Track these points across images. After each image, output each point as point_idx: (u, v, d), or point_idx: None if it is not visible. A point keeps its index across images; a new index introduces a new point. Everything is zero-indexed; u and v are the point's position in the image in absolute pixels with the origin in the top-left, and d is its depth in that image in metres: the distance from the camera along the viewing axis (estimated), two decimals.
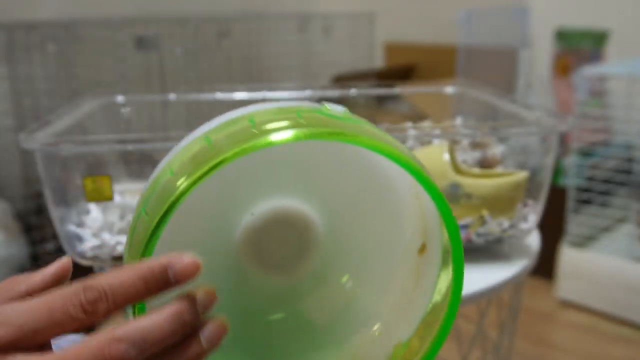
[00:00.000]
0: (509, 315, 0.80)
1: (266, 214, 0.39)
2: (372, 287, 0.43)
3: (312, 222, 0.40)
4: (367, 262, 0.43)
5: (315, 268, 0.41)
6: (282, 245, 0.40)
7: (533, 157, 0.81)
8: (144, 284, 0.31)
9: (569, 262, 1.82)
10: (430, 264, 0.40)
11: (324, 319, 0.43)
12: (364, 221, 0.42)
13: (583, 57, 2.12)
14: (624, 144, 1.96)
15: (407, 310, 0.41)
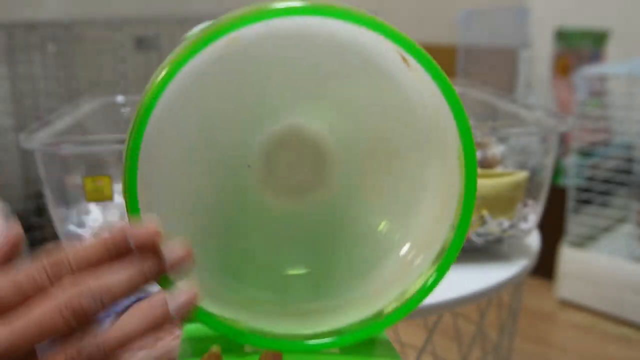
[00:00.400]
0: (509, 315, 0.80)
1: (280, 133, 0.37)
2: (377, 243, 0.40)
3: (330, 145, 0.38)
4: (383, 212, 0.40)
5: (331, 198, 0.38)
6: (296, 167, 0.38)
7: (533, 157, 0.81)
8: (105, 250, 0.31)
9: (569, 262, 1.82)
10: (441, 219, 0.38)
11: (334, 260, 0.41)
12: (380, 167, 0.39)
13: (583, 57, 2.12)
14: (624, 144, 1.96)
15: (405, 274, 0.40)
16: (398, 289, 0.40)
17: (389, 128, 0.39)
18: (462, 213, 0.36)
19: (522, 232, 0.75)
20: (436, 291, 0.66)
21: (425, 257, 0.40)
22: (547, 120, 0.74)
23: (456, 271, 0.72)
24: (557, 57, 2.15)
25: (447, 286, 0.67)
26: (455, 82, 1.00)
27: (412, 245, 0.40)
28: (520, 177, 0.73)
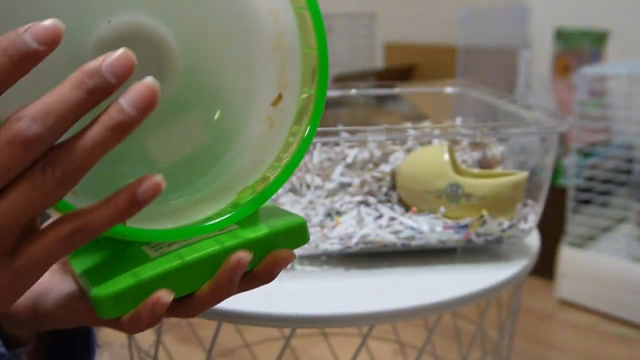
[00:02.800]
0: (508, 315, 0.80)
1: (121, 26, 0.36)
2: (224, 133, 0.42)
3: (169, 42, 0.37)
4: (221, 106, 0.41)
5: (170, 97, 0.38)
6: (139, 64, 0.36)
7: (533, 157, 0.81)
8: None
9: (569, 262, 1.82)
10: (284, 110, 0.41)
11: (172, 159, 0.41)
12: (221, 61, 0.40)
13: (583, 57, 2.12)
14: (623, 144, 1.96)
15: (257, 157, 0.41)
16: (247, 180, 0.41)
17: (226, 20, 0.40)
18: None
19: (522, 232, 0.75)
20: (436, 291, 0.66)
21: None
22: (547, 120, 0.75)
23: (456, 271, 0.72)
24: (557, 57, 2.16)
25: (447, 286, 0.68)
26: (455, 82, 1.01)
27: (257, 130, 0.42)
28: (520, 177, 0.73)
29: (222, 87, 0.41)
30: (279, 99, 0.41)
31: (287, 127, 0.41)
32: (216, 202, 0.41)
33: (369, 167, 0.78)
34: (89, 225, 0.30)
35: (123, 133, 0.29)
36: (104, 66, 0.29)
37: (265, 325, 0.63)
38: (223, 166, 0.42)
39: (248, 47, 0.41)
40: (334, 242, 0.72)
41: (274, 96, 0.41)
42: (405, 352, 1.20)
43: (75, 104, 0.28)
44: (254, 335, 1.22)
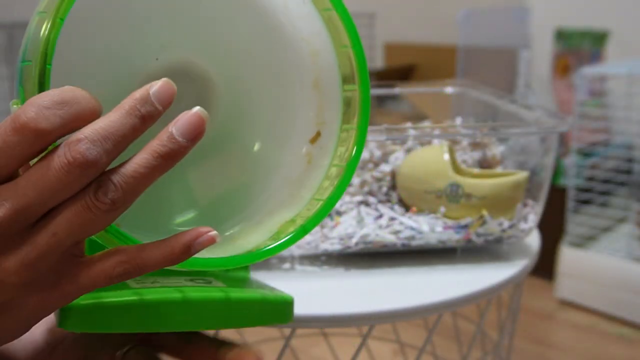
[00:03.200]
0: (508, 315, 0.80)
1: (167, 64, 0.37)
2: (262, 170, 0.42)
3: (211, 78, 0.39)
4: (260, 148, 0.42)
5: (210, 137, 0.39)
6: (180, 100, 0.37)
7: (533, 157, 0.81)
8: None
9: (569, 262, 1.82)
10: (323, 147, 0.41)
11: (210, 196, 0.42)
12: (261, 104, 0.42)
13: (583, 57, 2.12)
14: (624, 144, 1.96)
15: (296, 193, 0.42)
16: (286, 214, 0.41)
17: (267, 61, 0.41)
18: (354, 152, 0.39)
19: (522, 232, 0.75)
20: (436, 291, 0.66)
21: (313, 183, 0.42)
22: (547, 120, 0.74)
23: (456, 271, 0.72)
24: (557, 57, 2.15)
25: (447, 286, 0.67)
26: (455, 82, 1.01)
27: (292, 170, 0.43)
28: (520, 177, 0.73)
29: (260, 123, 0.42)
30: (317, 137, 0.41)
31: (326, 164, 0.41)
32: (253, 237, 0.41)
33: (369, 167, 0.78)
34: (141, 265, 0.31)
35: (173, 160, 0.30)
36: (152, 94, 0.30)
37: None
38: (261, 202, 0.42)
39: (287, 87, 0.41)
40: (334, 242, 0.72)
41: (313, 133, 0.41)
42: (405, 352, 1.20)
43: (130, 129, 0.29)
44: (254, 335, 1.22)
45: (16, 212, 0.28)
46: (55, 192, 0.29)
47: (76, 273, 0.31)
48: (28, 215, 0.29)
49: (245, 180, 0.42)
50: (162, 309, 0.37)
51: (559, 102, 2.14)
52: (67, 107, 0.29)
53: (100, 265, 0.31)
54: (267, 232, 0.41)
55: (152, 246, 0.31)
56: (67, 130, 0.29)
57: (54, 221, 0.29)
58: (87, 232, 0.30)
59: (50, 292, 0.31)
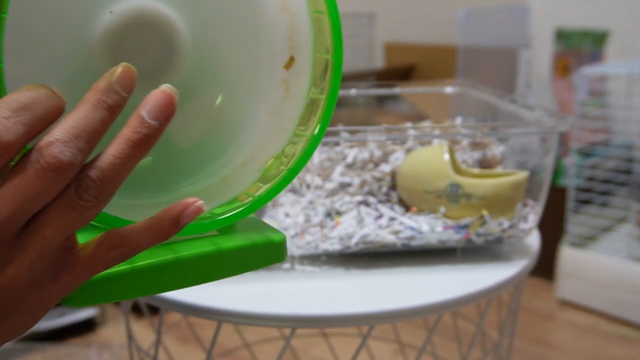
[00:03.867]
0: (509, 315, 0.80)
1: (127, 14, 0.35)
2: (240, 104, 0.42)
3: (177, 27, 0.37)
4: (233, 78, 0.41)
5: (181, 82, 0.38)
6: (144, 52, 0.36)
7: (533, 157, 0.81)
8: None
9: (569, 262, 1.82)
10: (299, 74, 0.40)
11: (189, 142, 0.41)
12: (228, 33, 0.40)
13: (583, 57, 2.12)
14: (624, 144, 1.96)
15: (278, 125, 0.41)
16: (272, 149, 0.41)
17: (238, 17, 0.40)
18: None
19: (522, 232, 0.75)
20: (436, 291, 0.66)
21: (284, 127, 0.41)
22: (547, 120, 0.74)
23: (456, 271, 0.72)
24: (557, 57, 2.15)
25: (447, 286, 0.68)
26: (455, 82, 1.01)
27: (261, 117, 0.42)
28: (520, 177, 0.73)
29: (231, 56, 0.41)
30: (291, 62, 0.41)
31: (304, 92, 0.40)
32: (244, 177, 0.41)
33: (369, 167, 0.78)
34: (135, 247, 0.31)
35: (148, 145, 0.30)
36: (114, 82, 0.29)
37: (265, 325, 0.63)
38: (245, 137, 0.42)
39: (254, 11, 0.40)
40: (334, 242, 0.72)
41: (286, 59, 0.41)
42: (405, 352, 1.20)
43: (100, 122, 0.29)
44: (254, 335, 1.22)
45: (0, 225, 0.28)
46: (35, 199, 0.28)
47: (73, 264, 0.31)
48: (13, 225, 0.29)
49: (224, 119, 0.41)
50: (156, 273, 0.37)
51: (559, 102, 2.14)
52: (28, 112, 0.28)
53: (94, 253, 0.31)
54: (255, 171, 0.41)
55: (142, 225, 0.31)
56: (34, 135, 0.28)
57: (41, 224, 0.29)
58: (75, 228, 0.30)
59: (50, 287, 0.31)
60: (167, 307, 0.65)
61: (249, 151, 0.41)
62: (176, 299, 0.64)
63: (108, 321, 1.78)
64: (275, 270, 0.71)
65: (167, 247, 0.38)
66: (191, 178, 0.41)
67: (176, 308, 0.64)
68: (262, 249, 0.40)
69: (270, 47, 0.41)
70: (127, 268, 0.36)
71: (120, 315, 1.79)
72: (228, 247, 0.39)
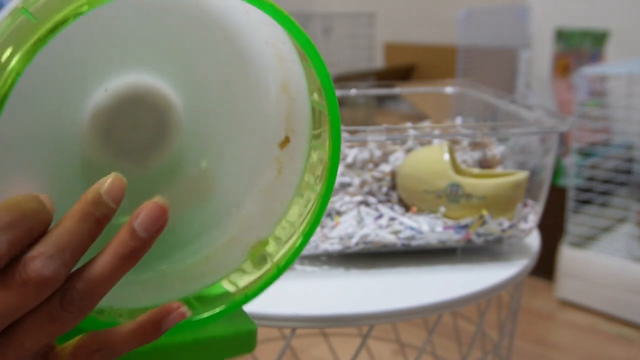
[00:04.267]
0: (508, 315, 0.80)
1: (121, 91, 0.34)
2: (231, 181, 0.40)
3: (172, 103, 0.36)
4: (226, 153, 0.40)
5: (172, 157, 0.37)
6: (137, 128, 0.35)
7: (533, 157, 0.81)
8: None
9: (569, 262, 1.82)
10: (293, 158, 0.39)
11: (175, 217, 0.39)
12: (225, 109, 0.39)
13: (583, 57, 2.12)
14: (624, 144, 1.96)
15: (268, 207, 0.40)
16: (259, 232, 0.39)
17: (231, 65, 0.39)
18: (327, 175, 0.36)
19: (522, 232, 0.75)
20: (436, 291, 0.66)
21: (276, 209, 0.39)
22: (547, 120, 0.74)
23: (456, 271, 0.72)
24: (557, 57, 2.15)
25: (447, 286, 0.67)
26: (455, 82, 1.01)
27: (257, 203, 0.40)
28: (520, 177, 0.73)
29: (225, 134, 0.39)
30: (286, 142, 0.39)
31: (297, 176, 0.39)
32: (229, 258, 0.39)
33: (369, 167, 0.78)
34: (114, 351, 0.31)
35: (138, 257, 0.29)
36: (104, 193, 0.29)
37: (265, 325, 0.63)
38: (233, 215, 0.40)
39: (254, 89, 0.39)
40: (334, 242, 0.72)
41: (282, 138, 0.39)
42: (405, 352, 1.20)
43: (87, 235, 0.28)
44: None
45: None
46: (14, 311, 0.28)
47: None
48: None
49: (213, 194, 0.40)
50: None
51: (559, 102, 2.14)
52: (13, 229, 0.27)
53: (73, 357, 0.30)
54: (240, 254, 0.39)
55: (124, 331, 0.31)
56: (18, 250, 0.28)
57: (19, 334, 0.28)
58: (54, 337, 0.29)
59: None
60: None
61: (236, 230, 0.40)
62: None
63: None
64: None
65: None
66: (175, 253, 0.39)
67: None
68: (233, 340, 0.40)
69: (267, 124, 0.39)
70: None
71: None
72: (206, 337, 0.38)
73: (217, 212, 0.40)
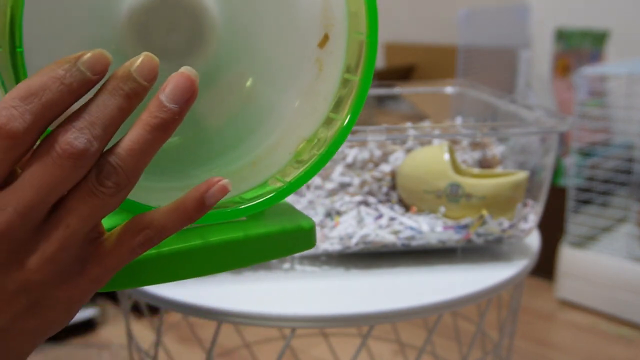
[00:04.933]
0: (508, 315, 0.80)
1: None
2: (271, 84, 0.40)
3: (207, 5, 0.35)
4: (264, 58, 0.39)
5: (210, 62, 0.37)
6: (172, 31, 0.35)
7: (533, 157, 0.81)
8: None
9: (569, 262, 1.82)
10: (333, 54, 0.39)
11: (218, 122, 0.39)
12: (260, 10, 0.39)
13: (583, 57, 2.12)
14: (624, 144, 1.96)
15: (310, 106, 0.40)
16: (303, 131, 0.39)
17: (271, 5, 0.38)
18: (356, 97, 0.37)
19: (522, 232, 0.75)
20: (436, 291, 0.66)
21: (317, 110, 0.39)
22: (547, 120, 0.74)
23: (456, 271, 0.72)
24: (557, 57, 2.15)
25: (447, 286, 0.68)
26: (455, 82, 1.01)
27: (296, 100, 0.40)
28: (520, 177, 0.73)
29: (264, 32, 0.39)
30: (325, 40, 0.39)
31: (338, 73, 0.39)
32: (275, 160, 0.39)
33: (369, 167, 0.78)
34: (161, 232, 0.31)
35: (169, 130, 0.29)
36: (133, 70, 0.29)
37: (265, 325, 0.63)
38: (276, 117, 0.40)
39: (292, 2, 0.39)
40: (334, 242, 0.72)
41: (321, 36, 0.39)
42: (405, 352, 1.20)
43: (116, 110, 0.28)
44: (254, 335, 1.22)
45: (21, 215, 0.28)
46: (54, 188, 0.28)
47: (99, 255, 0.31)
48: (34, 215, 0.28)
49: (255, 97, 0.40)
50: (183, 258, 0.36)
51: (559, 102, 2.14)
52: (36, 99, 0.27)
53: (120, 239, 0.31)
54: (286, 154, 0.39)
55: (166, 208, 0.31)
56: (45, 122, 0.28)
57: (64, 213, 0.29)
58: (99, 217, 0.29)
59: (78, 280, 0.30)
60: (167, 307, 0.65)
61: (280, 133, 0.40)
62: (176, 299, 0.64)
63: (108, 321, 1.78)
64: (275, 270, 0.71)
65: (196, 232, 0.37)
66: (219, 160, 0.39)
67: (176, 308, 0.64)
68: (291, 235, 0.39)
69: (304, 25, 0.39)
70: (154, 253, 0.35)
71: (120, 315, 1.79)
72: (257, 234, 0.38)
73: (261, 117, 0.40)
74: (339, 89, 0.39)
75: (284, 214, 0.41)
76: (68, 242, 0.29)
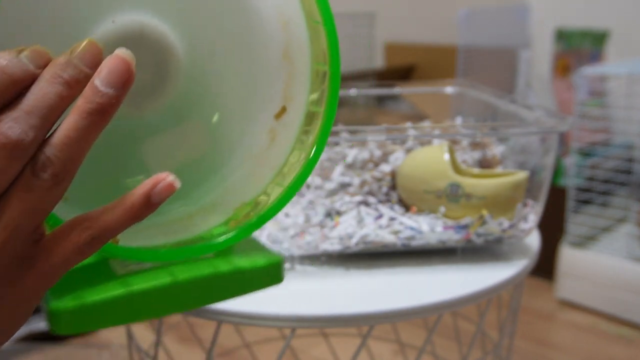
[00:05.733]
0: (508, 315, 0.80)
1: (127, 26, 0.34)
2: (223, 144, 0.40)
3: (174, 46, 0.35)
4: (223, 108, 0.40)
5: (170, 107, 0.37)
6: (138, 68, 0.35)
7: (533, 157, 0.81)
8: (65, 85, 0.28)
9: (569, 262, 1.82)
10: (288, 125, 0.39)
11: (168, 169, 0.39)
12: (223, 66, 0.39)
13: (583, 57, 2.12)
14: (624, 144, 1.96)
15: (257, 171, 0.40)
16: (245, 195, 0.39)
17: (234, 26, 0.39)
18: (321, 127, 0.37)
19: (522, 232, 0.75)
20: (436, 291, 0.66)
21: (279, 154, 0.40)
22: (547, 120, 0.74)
23: (456, 271, 0.72)
24: (557, 57, 2.15)
25: (447, 286, 0.67)
26: (455, 82, 1.01)
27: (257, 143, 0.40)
28: (520, 177, 0.73)
29: (223, 93, 0.39)
30: (282, 112, 0.39)
31: (290, 143, 0.39)
32: (211, 216, 0.39)
33: (369, 167, 0.78)
34: (105, 228, 0.29)
35: (105, 116, 0.28)
36: (74, 57, 0.28)
37: (265, 325, 0.63)
38: (221, 177, 0.40)
39: (255, 55, 0.39)
40: (334, 242, 0.72)
41: (278, 108, 0.39)
42: (405, 352, 1.19)
43: (56, 98, 0.27)
44: (254, 335, 1.22)
45: None
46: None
47: (45, 254, 0.29)
48: None
49: (205, 153, 0.40)
50: (152, 297, 0.35)
51: (559, 102, 2.14)
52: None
53: (64, 239, 0.29)
54: (224, 214, 0.39)
55: (111, 206, 0.29)
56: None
57: (3, 209, 0.27)
58: (39, 214, 0.28)
59: (25, 280, 0.29)
60: None
61: (222, 193, 0.40)
62: None
63: None
64: None
65: (164, 271, 0.37)
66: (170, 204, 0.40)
67: None
68: (260, 271, 0.39)
69: (266, 95, 0.39)
70: (122, 292, 0.35)
71: None
72: (226, 270, 0.38)
73: (206, 170, 0.40)
74: (285, 163, 0.39)
75: (251, 250, 0.41)
76: (7, 243, 0.28)
